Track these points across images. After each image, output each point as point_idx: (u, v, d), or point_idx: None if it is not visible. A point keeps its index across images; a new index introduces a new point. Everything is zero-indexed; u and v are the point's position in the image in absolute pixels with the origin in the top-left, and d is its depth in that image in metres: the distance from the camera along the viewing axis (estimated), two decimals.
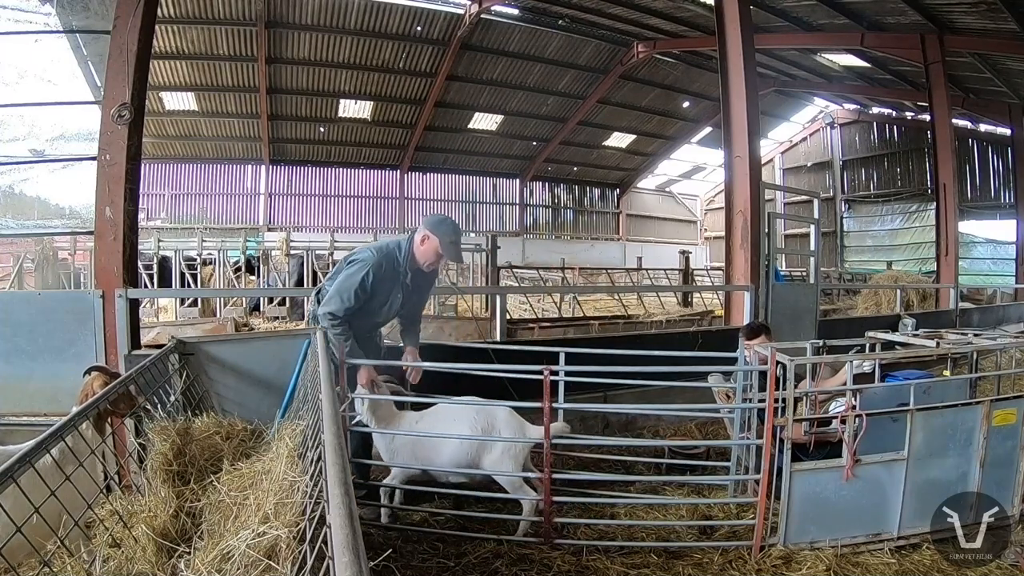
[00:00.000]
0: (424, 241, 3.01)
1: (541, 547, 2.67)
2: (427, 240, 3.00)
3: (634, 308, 12.49)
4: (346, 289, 2.95)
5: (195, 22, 13.72)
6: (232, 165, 19.67)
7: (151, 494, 2.01)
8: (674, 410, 3.69)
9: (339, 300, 2.95)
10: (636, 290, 13.28)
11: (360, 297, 2.96)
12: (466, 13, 14.73)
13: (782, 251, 17.05)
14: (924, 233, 18.98)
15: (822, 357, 3.26)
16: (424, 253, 3.02)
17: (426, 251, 3.02)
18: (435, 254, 3.02)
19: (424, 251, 3.02)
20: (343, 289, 2.96)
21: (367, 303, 3.03)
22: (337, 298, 2.96)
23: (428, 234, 3.00)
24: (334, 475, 1.10)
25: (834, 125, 22.01)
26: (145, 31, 3.43)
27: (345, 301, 2.94)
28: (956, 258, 8.87)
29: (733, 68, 5.27)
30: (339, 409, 1.74)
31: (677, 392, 3.99)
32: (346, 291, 2.95)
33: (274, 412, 2.87)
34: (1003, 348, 3.51)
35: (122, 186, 3.37)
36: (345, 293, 2.95)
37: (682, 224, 27.93)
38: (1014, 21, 9.03)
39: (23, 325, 3.28)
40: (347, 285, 2.96)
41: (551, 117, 19.84)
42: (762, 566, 2.52)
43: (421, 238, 3.02)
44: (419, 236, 3.03)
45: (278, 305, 10.90)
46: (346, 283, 2.97)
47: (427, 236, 3.00)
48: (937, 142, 9.27)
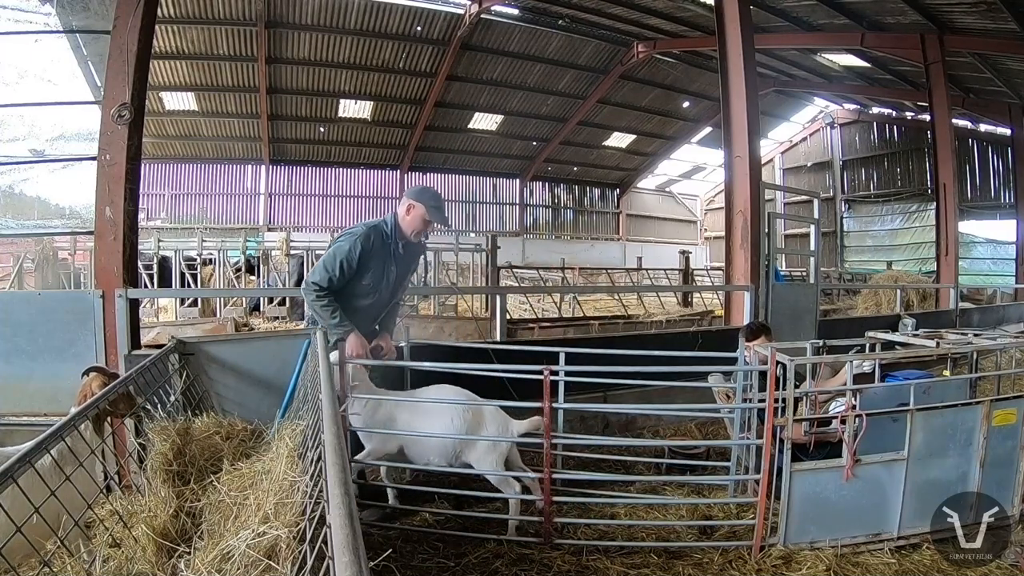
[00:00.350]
0: (410, 210, 3.01)
1: (541, 547, 2.67)
2: (412, 208, 3.00)
3: (634, 308, 12.48)
4: (331, 259, 2.90)
5: (195, 22, 13.71)
6: (232, 165, 19.67)
7: (151, 494, 2.01)
8: (674, 410, 3.69)
9: (323, 270, 2.90)
10: (636, 290, 13.28)
11: (345, 271, 2.90)
12: (466, 13, 14.73)
13: (782, 251, 17.04)
14: (924, 233, 18.97)
15: (822, 357, 3.26)
16: (411, 222, 3.02)
17: (412, 220, 3.01)
18: (422, 221, 3.02)
19: (411, 220, 3.01)
20: (328, 259, 2.91)
21: (362, 283, 2.99)
22: (322, 268, 2.91)
23: (412, 203, 3.00)
24: (334, 475, 1.10)
25: (834, 125, 22.01)
26: (145, 31, 3.43)
27: (329, 271, 2.88)
28: (956, 258, 8.87)
29: (733, 68, 5.27)
30: (339, 409, 1.74)
31: (677, 392, 3.99)
32: (331, 261, 2.90)
33: (274, 412, 2.87)
34: (1003, 348, 3.51)
35: (122, 186, 3.36)
36: (330, 263, 2.89)
37: (682, 224, 27.93)
38: (1014, 21, 9.03)
39: (23, 325, 3.28)
40: (332, 255, 2.91)
41: (551, 117, 19.84)
42: (762, 566, 2.52)
43: (406, 208, 3.02)
44: (403, 207, 3.03)
45: (278, 305, 10.90)
46: (333, 254, 2.92)
47: (412, 205, 3.00)
48: (937, 142, 9.26)
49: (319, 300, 2.87)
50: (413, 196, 3.04)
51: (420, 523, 2.99)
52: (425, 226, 3.05)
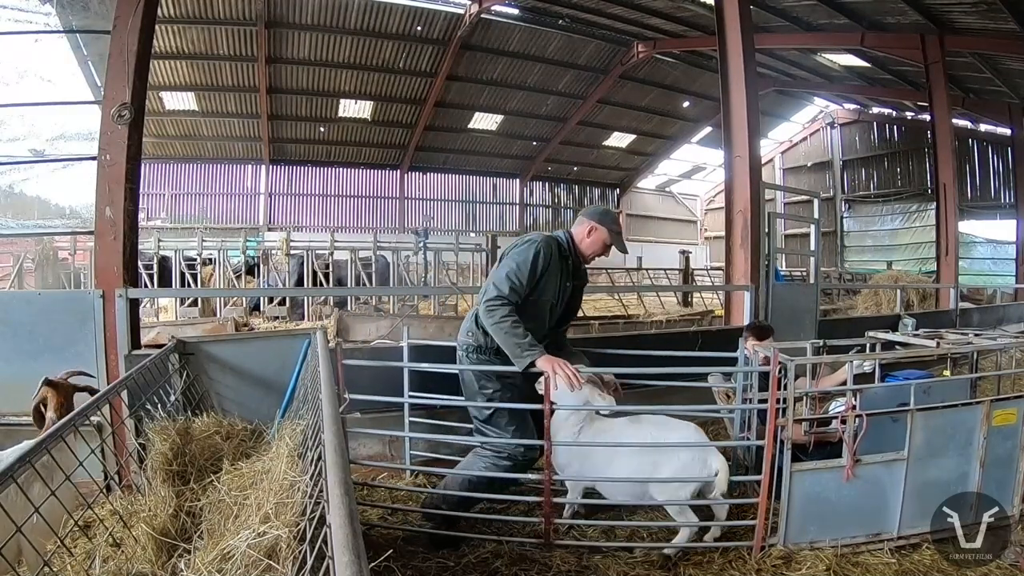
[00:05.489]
0: (591, 232, 2.79)
1: (541, 547, 2.67)
2: (595, 231, 2.79)
3: (634, 308, 12.49)
4: (514, 268, 2.61)
5: (195, 22, 13.73)
6: (232, 165, 19.69)
7: (151, 494, 2.01)
8: (674, 410, 3.69)
9: (506, 280, 2.59)
10: (636, 290, 13.29)
11: (531, 280, 2.62)
12: (466, 13, 14.73)
13: (782, 251, 17.06)
14: (924, 233, 18.98)
15: (822, 357, 3.26)
16: (591, 244, 2.80)
17: (593, 242, 2.80)
18: (603, 245, 2.81)
19: (591, 243, 2.80)
20: (510, 269, 2.62)
21: (542, 298, 2.72)
22: (503, 279, 2.60)
23: (595, 225, 2.79)
24: (334, 475, 1.10)
25: (834, 125, 22.03)
26: (145, 31, 3.43)
27: (515, 279, 2.59)
28: (956, 258, 8.86)
29: (733, 68, 5.26)
30: (339, 409, 1.74)
31: (677, 392, 3.98)
32: (514, 270, 2.61)
33: (274, 412, 2.87)
34: (1003, 348, 3.51)
35: (122, 186, 3.36)
36: (514, 272, 2.60)
37: (682, 224, 27.95)
38: (1014, 21, 9.03)
39: (23, 325, 3.27)
40: (515, 264, 2.63)
41: (551, 117, 19.86)
42: (762, 566, 2.52)
43: (588, 229, 2.80)
44: (583, 228, 2.81)
45: (278, 305, 10.91)
46: (517, 262, 2.63)
47: (594, 227, 2.79)
48: (937, 142, 9.26)
49: (507, 316, 2.55)
50: (595, 218, 2.81)
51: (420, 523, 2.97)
52: (605, 251, 2.85)
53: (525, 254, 2.64)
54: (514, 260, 2.65)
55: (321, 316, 10.48)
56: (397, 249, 13.37)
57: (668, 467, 2.64)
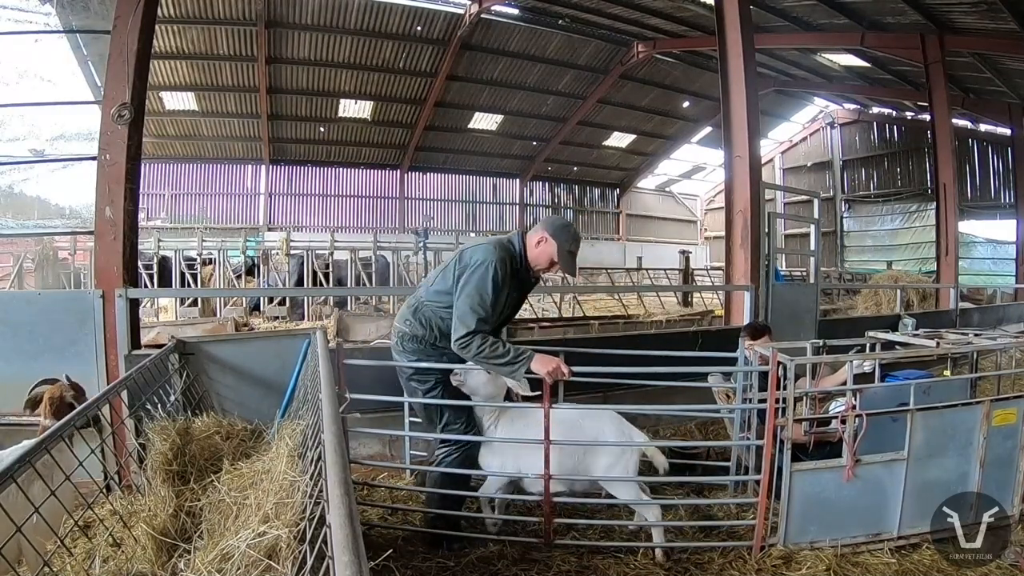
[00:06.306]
0: (540, 243, 2.70)
1: (541, 547, 2.67)
2: (544, 243, 2.69)
3: (634, 308, 12.49)
4: (479, 299, 2.53)
5: (195, 22, 13.72)
6: (232, 165, 19.67)
7: (151, 494, 2.01)
8: (674, 410, 3.69)
9: (472, 315, 2.51)
10: (636, 290, 13.29)
11: (494, 303, 2.56)
12: (466, 13, 14.73)
13: (782, 251, 17.06)
14: (924, 233, 18.98)
15: (822, 357, 3.26)
16: (537, 256, 2.72)
17: (539, 254, 2.71)
18: (548, 260, 2.71)
19: (538, 254, 2.71)
20: (474, 303, 2.52)
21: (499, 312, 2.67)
22: (469, 311, 2.51)
23: (547, 236, 2.68)
24: (334, 475, 1.10)
25: (834, 125, 22.02)
26: (145, 31, 3.43)
27: (480, 311, 2.52)
28: (956, 258, 8.87)
29: (733, 68, 5.26)
30: (339, 409, 1.74)
31: (677, 392, 3.99)
32: (479, 303, 2.52)
33: (274, 412, 2.87)
34: (1003, 348, 3.51)
35: (122, 186, 3.36)
36: (479, 305, 2.52)
37: (682, 224, 27.94)
38: (1014, 21, 9.03)
39: (23, 325, 3.27)
40: (476, 291, 2.54)
41: (551, 117, 19.85)
42: (762, 566, 2.52)
43: (538, 239, 2.70)
44: (535, 236, 2.71)
45: (278, 305, 10.90)
46: (479, 289, 2.54)
47: (545, 238, 2.69)
48: (937, 142, 9.26)
49: (482, 346, 2.50)
50: (551, 230, 2.69)
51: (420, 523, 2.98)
52: (550, 266, 2.74)
53: (482, 281, 2.56)
54: (475, 289, 2.55)
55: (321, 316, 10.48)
56: (397, 249, 13.37)
57: (599, 452, 2.70)
